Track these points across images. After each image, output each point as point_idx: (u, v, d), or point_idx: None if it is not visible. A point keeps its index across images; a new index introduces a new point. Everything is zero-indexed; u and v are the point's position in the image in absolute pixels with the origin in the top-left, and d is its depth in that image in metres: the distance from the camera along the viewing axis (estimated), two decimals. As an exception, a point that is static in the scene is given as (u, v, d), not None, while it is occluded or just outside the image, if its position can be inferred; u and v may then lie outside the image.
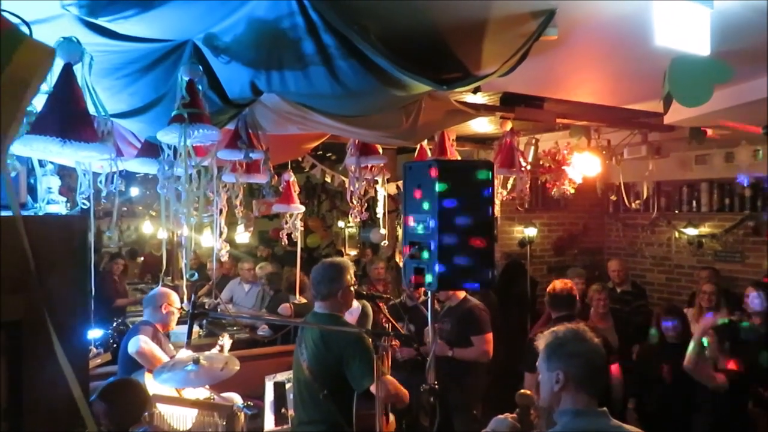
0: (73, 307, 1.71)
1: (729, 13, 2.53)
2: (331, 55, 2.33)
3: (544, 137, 5.48)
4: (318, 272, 3.25)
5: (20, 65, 1.46)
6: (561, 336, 2.09)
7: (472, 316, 4.42)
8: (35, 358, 1.60)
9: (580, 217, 7.73)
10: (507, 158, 4.42)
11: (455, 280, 2.71)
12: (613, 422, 2.05)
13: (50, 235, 1.70)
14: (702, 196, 6.96)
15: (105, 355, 4.39)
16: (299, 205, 4.73)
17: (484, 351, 4.37)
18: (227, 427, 3.30)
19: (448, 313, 4.52)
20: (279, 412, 3.99)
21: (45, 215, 2.21)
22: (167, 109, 2.59)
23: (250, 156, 3.26)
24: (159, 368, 3.44)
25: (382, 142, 3.97)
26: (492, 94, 3.81)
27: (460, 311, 4.47)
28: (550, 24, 2.48)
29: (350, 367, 3.01)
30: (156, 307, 4.11)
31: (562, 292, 4.35)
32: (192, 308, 3.03)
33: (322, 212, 11.42)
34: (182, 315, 4.17)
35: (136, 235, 10.83)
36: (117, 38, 2.26)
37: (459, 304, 4.51)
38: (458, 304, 4.51)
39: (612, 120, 4.85)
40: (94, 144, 2.10)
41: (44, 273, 1.60)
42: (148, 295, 4.32)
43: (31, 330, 1.59)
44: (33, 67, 1.51)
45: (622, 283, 6.51)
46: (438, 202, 2.54)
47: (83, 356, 1.82)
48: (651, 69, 2.81)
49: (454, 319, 4.45)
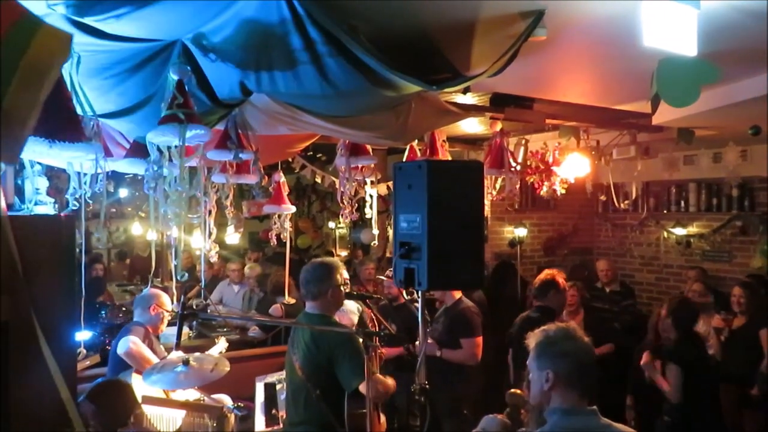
0: (60, 308, 1.70)
1: (716, 14, 2.55)
2: (320, 55, 2.33)
3: (533, 138, 5.49)
4: (308, 272, 3.25)
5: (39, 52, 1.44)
6: (551, 335, 2.10)
7: (464, 318, 4.43)
8: (22, 359, 1.59)
9: (570, 218, 7.77)
10: (497, 159, 4.44)
11: (445, 280, 2.71)
12: (602, 421, 2.06)
13: (37, 236, 1.68)
14: (690, 196, 7.01)
15: (93, 357, 4.37)
16: (290, 206, 4.73)
17: (473, 354, 4.38)
18: (217, 428, 3.28)
19: (443, 313, 4.54)
20: (270, 413, 3.98)
21: (32, 216, 2.20)
22: (156, 109, 2.58)
23: (240, 156, 3.25)
24: (148, 369, 3.42)
25: (372, 142, 3.97)
26: (482, 94, 3.82)
27: (453, 312, 4.48)
28: (539, 25, 2.49)
29: (340, 367, 3.01)
30: (145, 308, 4.07)
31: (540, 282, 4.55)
32: (181, 309, 3.02)
33: (313, 213, 11.39)
34: (172, 317, 4.15)
35: (125, 237, 10.75)
36: (105, 38, 2.24)
37: (454, 304, 4.51)
38: (453, 304, 4.52)
39: (601, 120, 4.87)
40: (81, 144, 2.08)
41: (31, 274, 1.59)
42: (138, 295, 4.29)
43: (18, 331, 1.58)
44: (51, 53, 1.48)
45: (610, 283, 6.55)
46: (428, 203, 2.54)
47: (71, 357, 1.81)
48: (639, 70, 2.83)
49: (447, 320, 4.47)
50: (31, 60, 1.42)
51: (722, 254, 6.75)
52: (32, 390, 1.60)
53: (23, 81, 1.40)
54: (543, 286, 4.54)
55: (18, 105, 1.39)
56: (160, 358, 3.87)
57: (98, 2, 2.03)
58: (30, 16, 1.50)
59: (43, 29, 1.48)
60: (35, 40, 1.44)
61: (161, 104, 2.53)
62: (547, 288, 4.52)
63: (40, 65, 1.44)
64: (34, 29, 1.46)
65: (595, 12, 2.60)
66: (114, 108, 2.85)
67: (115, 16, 2.07)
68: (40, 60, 1.44)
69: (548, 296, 4.50)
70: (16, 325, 1.57)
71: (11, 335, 1.58)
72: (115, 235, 10.65)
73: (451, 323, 4.43)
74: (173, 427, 3.37)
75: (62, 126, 2.05)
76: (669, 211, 7.24)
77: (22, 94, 1.40)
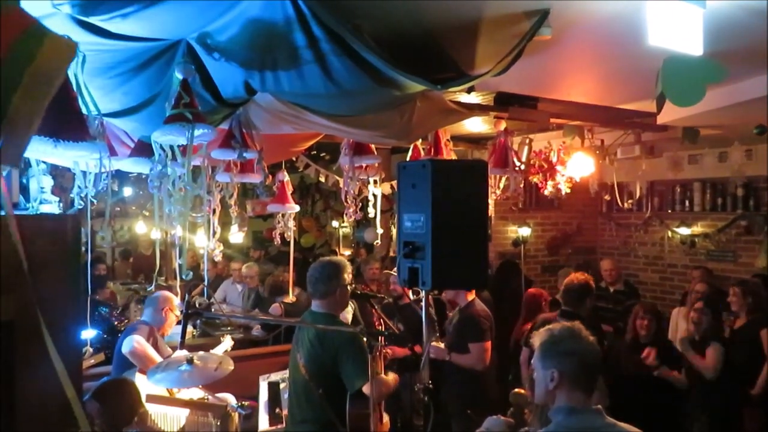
0: (65, 307, 1.70)
1: (722, 13, 2.54)
2: (325, 54, 2.33)
3: (537, 137, 5.49)
4: (316, 270, 3.24)
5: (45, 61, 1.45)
6: (556, 334, 2.09)
7: (473, 322, 4.29)
8: (28, 358, 1.59)
9: (574, 217, 7.75)
10: (501, 158, 4.43)
11: (449, 279, 2.71)
12: (607, 420, 2.06)
13: (42, 236, 1.68)
14: (695, 195, 6.98)
15: (98, 356, 4.38)
16: (294, 205, 4.72)
17: (481, 359, 4.25)
18: (221, 427, 3.29)
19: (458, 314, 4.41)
20: (273, 412, 3.98)
21: (37, 215, 2.20)
22: (160, 108, 2.58)
23: (244, 156, 3.25)
24: (153, 368, 3.43)
25: (376, 141, 3.96)
26: (486, 93, 3.81)
27: (464, 315, 4.36)
28: (544, 24, 2.48)
29: (344, 367, 3.01)
30: (157, 309, 4.09)
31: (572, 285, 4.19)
32: (186, 308, 3.03)
33: (316, 212, 11.39)
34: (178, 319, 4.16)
35: (129, 235, 10.78)
36: (110, 37, 2.24)
37: (466, 306, 4.38)
38: (465, 306, 4.38)
39: (605, 120, 4.86)
40: (85, 143, 2.08)
41: (36, 273, 1.59)
42: (151, 295, 4.29)
43: (24, 330, 1.58)
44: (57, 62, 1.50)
45: (614, 283, 6.53)
46: (432, 202, 2.54)
47: (76, 356, 1.81)
48: (644, 69, 2.82)
49: (457, 323, 4.38)
50: (38, 68, 1.43)
51: (727, 254, 6.72)
52: (38, 388, 1.60)
53: (29, 89, 1.41)
54: (579, 291, 4.11)
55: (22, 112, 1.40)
56: (164, 357, 3.88)
57: (103, 1, 2.03)
58: (38, 26, 1.50)
59: (50, 38, 1.49)
60: (42, 49, 1.45)
61: (166, 103, 2.53)
62: (583, 294, 4.11)
63: (46, 73, 1.45)
64: (42, 38, 1.47)
65: (600, 11, 2.59)
66: (119, 107, 2.85)
67: (121, 15, 2.07)
68: (47, 68, 1.46)
69: (583, 304, 4.12)
70: (21, 324, 1.57)
71: (17, 334, 1.58)
72: (119, 234, 10.68)
73: (461, 326, 4.33)
74: (177, 425, 3.38)
75: (67, 125, 2.05)
76: (673, 211, 7.22)
77: (27, 101, 1.41)
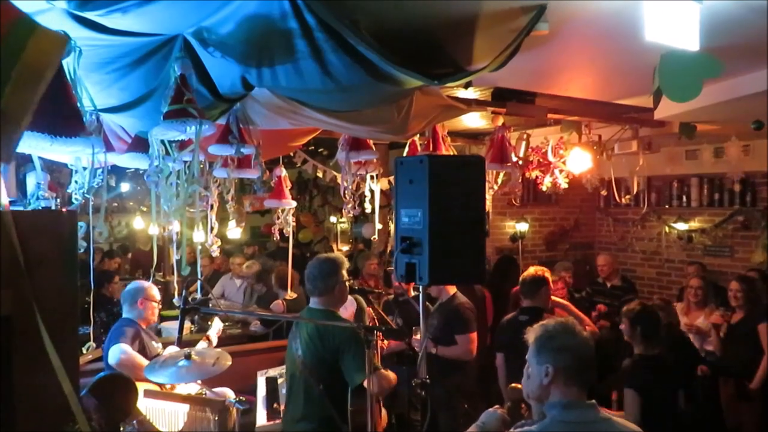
0: (63, 302, 1.71)
1: (718, 9, 2.54)
2: (322, 50, 2.33)
3: (535, 132, 5.49)
4: (315, 267, 3.24)
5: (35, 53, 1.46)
6: (550, 330, 2.10)
7: (458, 314, 4.42)
8: (25, 353, 1.60)
9: (572, 213, 7.77)
10: (498, 153, 4.43)
11: (446, 274, 2.71)
12: (602, 414, 2.06)
13: (39, 231, 1.69)
14: (692, 191, 7.00)
15: (96, 351, 4.38)
16: (291, 201, 4.72)
17: (468, 350, 4.38)
18: (219, 422, 3.30)
19: (437, 309, 4.53)
20: (271, 407, 3.99)
21: (34, 210, 2.20)
22: (157, 103, 2.58)
23: (242, 151, 3.25)
24: (151, 363, 3.43)
25: (374, 137, 3.96)
26: (483, 89, 3.81)
27: (447, 309, 4.47)
28: (541, 19, 2.48)
29: (345, 362, 3.02)
30: (133, 303, 3.96)
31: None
32: (183, 303, 3.03)
33: (314, 207, 11.39)
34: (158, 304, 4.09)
35: (127, 231, 10.76)
36: (106, 32, 2.23)
37: (448, 300, 4.51)
38: (447, 300, 4.51)
39: (603, 115, 4.86)
40: (81, 138, 2.08)
41: (33, 268, 1.59)
42: (124, 290, 4.12)
43: (21, 325, 1.58)
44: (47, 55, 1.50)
45: (611, 278, 6.56)
46: (429, 197, 2.54)
47: (74, 351, 1.81)
48: (641, 64, 2.82)
49: (441, 316, 4.46)
50: (28, 61, 1.44)
51: (724, 249, 6.75)
52: (35, 384, 1.61)
53: (20, 82, 1.41)
54: (533, 283, 4.34)
55: (14, 105, 1.40)
56: (154, 353, 3.83)
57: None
58: (26, 18, 1.51)
59: (39, 30, 1.50)
60: (31, 42, 1.45)
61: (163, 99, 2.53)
62: (538, 285, 4.33)
63: (37, 66, 1.46)
64: (31, 31, 1.47)
65: (597, 6, 2.59)
66: (116, 102, 2.84)
67: (118, 10, 2.06)
68: (37, 61, 1.46)
69: (539, 294, 4.32)
70: (18, 320, 1.58)
71: (14, 329, 1.59)
72: (117, 230, 10.67)
73: (446, 320, 4.43)
74: (175, 420, 3.39)
75: (64, 121, 2.05)
76: (671, 206, 7.24)
77: (18, 94, 1.41)
